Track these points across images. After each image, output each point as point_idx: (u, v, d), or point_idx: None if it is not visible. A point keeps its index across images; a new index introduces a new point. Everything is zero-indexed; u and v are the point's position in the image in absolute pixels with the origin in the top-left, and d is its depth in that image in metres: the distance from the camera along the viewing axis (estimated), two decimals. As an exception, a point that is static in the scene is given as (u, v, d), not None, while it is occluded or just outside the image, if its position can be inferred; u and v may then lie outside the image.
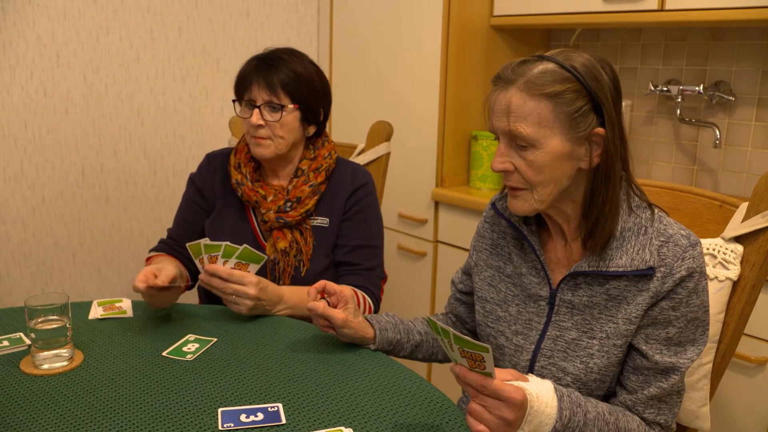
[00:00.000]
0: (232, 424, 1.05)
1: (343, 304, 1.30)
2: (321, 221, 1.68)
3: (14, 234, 2.46)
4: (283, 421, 1.06)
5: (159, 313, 1.49)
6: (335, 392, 1.15)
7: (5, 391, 1.16)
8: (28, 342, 1.32)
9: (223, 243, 1.42)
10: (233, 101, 1.70)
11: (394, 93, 2.58)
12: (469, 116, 2.48)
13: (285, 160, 1.69)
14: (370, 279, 1.68)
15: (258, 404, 1.10)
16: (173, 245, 1.74)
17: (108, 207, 2.60)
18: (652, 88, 2.25)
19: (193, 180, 1.78)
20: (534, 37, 2.60)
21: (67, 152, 2.49)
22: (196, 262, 1.44)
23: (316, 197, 1.65)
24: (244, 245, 1.43)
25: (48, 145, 2.45)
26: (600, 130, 1.09)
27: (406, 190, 2.57)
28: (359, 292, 1.61)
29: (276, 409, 1.09)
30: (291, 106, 1.62)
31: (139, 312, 1.49)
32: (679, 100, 2.23)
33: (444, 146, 2.44)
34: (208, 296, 1.68)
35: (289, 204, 1.63)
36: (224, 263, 1.43)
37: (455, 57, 2.39)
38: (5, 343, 1.34)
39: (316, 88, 1.67)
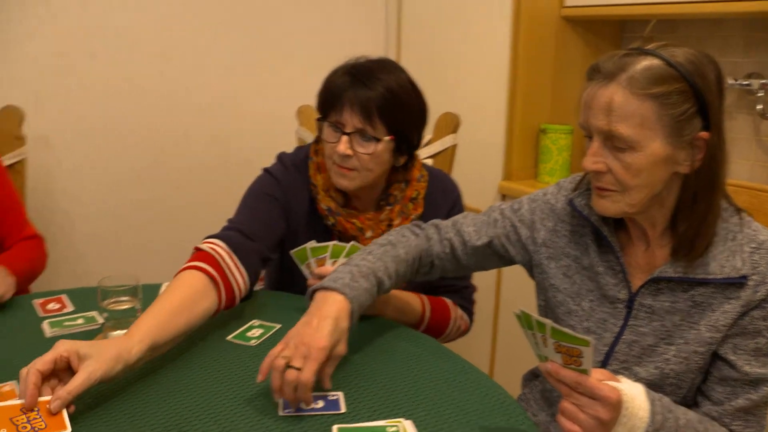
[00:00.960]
0: (293, 410, 1.06)
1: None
2: None
3: (91, 216, 2.55)
4: (343, 410, 1.07)
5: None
6: (396, 383, 1.15)
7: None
8: (100, 321, 1.37)
9: (330, 243, 1.40)
10: (317, 120, 1.49)
11: (462, 84, 2.56)
12: (538, 109, 2.44)
13: (370, 187, 1.52)
14: (465, 296, 1.65)
15: (318, 392, 1.11)
16: (241, 239, 1.41)
17: (179, 192, 2.67)
18: (732, 81, 2.16)
19: (270, 177, 1.55)
20: (606, 29, 2.53)
21: (142, 138, 2.56)
22: (302, 267, 1.43)
23: None
24: (352, 242, 1.40)
25: (124, 131, 2.53)
26: (704, 134, 1.03)
27: (472, 182, 2.54)
28: (459, 311, 1.59)
29: (336, 397, 1.10)
30: (386, 138, 1.43)
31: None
32: (761, 94, 2.13)
33: (512, 139, 2.41)
34: (274, 284, 1.70)
35: None
36: (333, 264, 1.39)
37: (525, 49, 2.35)
38: (80, 321, 1.39)
39: (415, 114, 1.48)
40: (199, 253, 1.35)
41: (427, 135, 2.03)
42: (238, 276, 1.34)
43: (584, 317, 1.20)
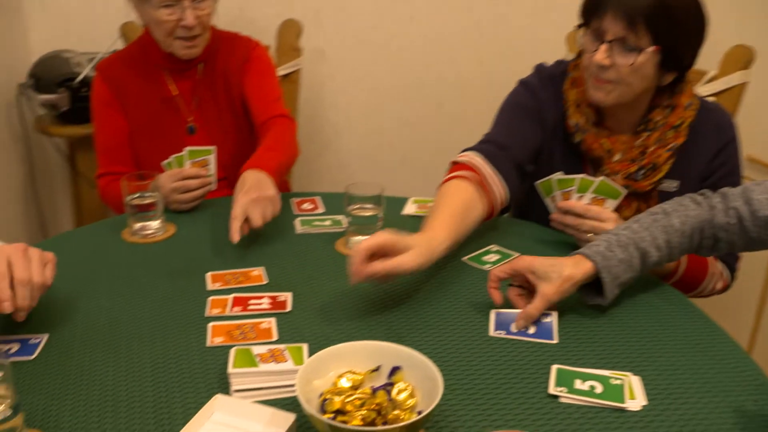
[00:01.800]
0: (504, 332, 1.03)
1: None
2: (669, 185, 1.41)
3: (354, 130, 2.69)
4: (556, 340, 1.02)
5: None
6: (629, 334, 1.05)
7: (322, 265, 1.28)
8: (345, 225, 1.43)
9: (578, 176, 1.33)
10: (577, 26, 1.38)
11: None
12: None
13: (628, 106, 1.39)
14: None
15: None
16: (494, 149, 1.40)
17: (440, 113, 2.69)
18: None
19: (524, 89, 1.51)
20: None
21: (409, 58, 2.61)
22: (547, 200, 1.38)
23: (671, 161, 1.38)
24: (602, 178, 1.31)
25: (393, 51, 2.59)
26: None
27: (763, 129, 2.22)
28: (719, 267, 1.41)
29: (550, 321, 1.06)
30: (650, 48, 1.28)
31: (447, 215, 1.52)
32: None
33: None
34: (519, 213, 1.64)
35: (641, 172, 1.37)
36: (578, 198, 1.32)
37: None
38: (327, 222, 1.47)
39: (689, 27, 1.31)
40: (458, 165, 1.36)
41: (711, 70, 1.79)
42: (498, 185, 1.34)
43: None
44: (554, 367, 0.94)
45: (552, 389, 0.90)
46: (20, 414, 0.77)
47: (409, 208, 1.57)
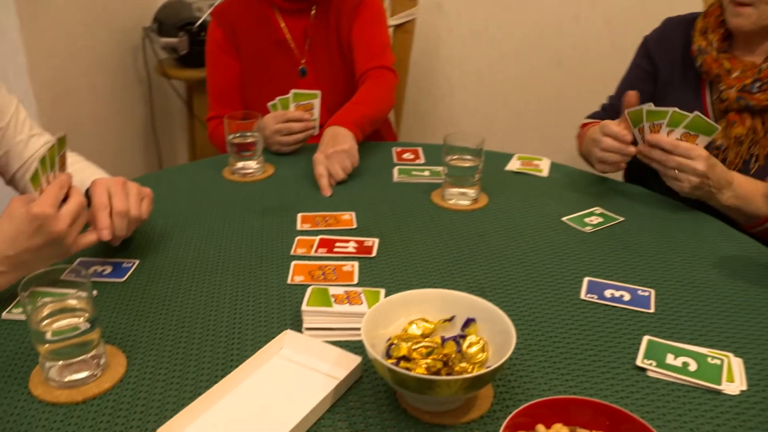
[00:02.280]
0: (596, 296, 0.96)
1: None
2: None
3: (469, 86, 2.61)
4: (652, 309, 0.94)
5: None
6: (733, 311, 0.94)
7: (414, 214, 1.25)
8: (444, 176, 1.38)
9: (670, 109, 1.23)
10: None
11: None
12: None
13: (765, 30, 1.37)
14: None
15: (628, 284, 0.99)
16: (611, 112, 1.58)
17: (560, 71, 2.56)
18: None
19: (646, 43, 1.57)
20: None
21: (531, 12, 2.48)
22: (635, 131, 1.29)
23: None
24: (696, 113, 1.21)
25: (514, 4, 2.47)
26: None
27: None
28: None
29: (647, 294, 0.97)
30: None
31: (556, 175, 1.44)
32: None
33: None
34: (632, 177, 1.54)
35: (757, 84, 1.32)
36: (668, 133, 1.23)
37: None
38: (426, 173, 1.43)
39: None
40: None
41: None
42: None
43: None
44: (645, 338, 0.86)
45: (640, 361, 0.82)
46: (97, 329, 0.79)
47: (513, 164, 1.49)
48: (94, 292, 0.98)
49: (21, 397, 0.77)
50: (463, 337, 0.78)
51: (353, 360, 0.79)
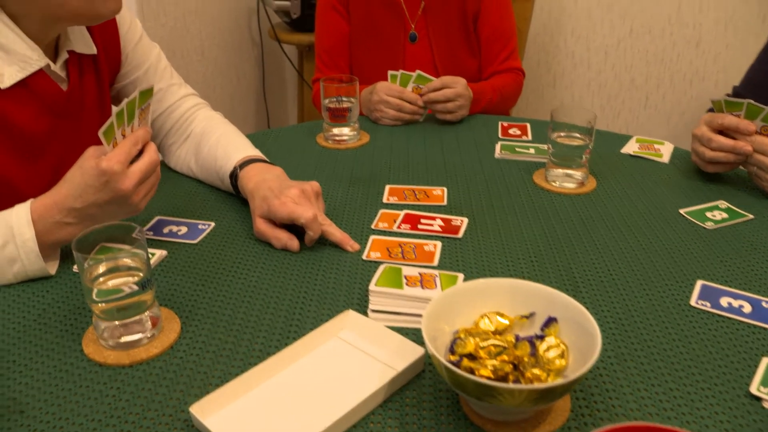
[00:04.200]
0: (708, 304, 0.83)
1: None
2: None
3: (593, 61, 2.42)
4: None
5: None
6: None
7: (512, 195, 1.14)
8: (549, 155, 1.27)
9: (746, 101, 1.09)
10: None
11: None
12: None
13: None
14: None
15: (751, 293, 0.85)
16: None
17: (698, 52, 2.33)
18: None
19: None
20: None
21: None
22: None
23: None
24: None
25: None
26: None
27: None
28: None
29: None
30: None
31: (678, 162, 1.28)
32: None
33: None
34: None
35: None
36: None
37: None
38: (531, 150, 1.31)
39: None
40: None
41: None
42: None
43: None
44: (765, 360, 0.73)
45: (755, 388, 0.69)
46: (150, 291, 0.75)
47: (630, 147, 1.35)
48: (164, 253, 0.94)
49: (73, 354, 0.75)
50: (541, 338, 0.67)
51: (416, 351, 0.71)
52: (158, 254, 0.94)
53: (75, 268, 0.91)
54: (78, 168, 0.86)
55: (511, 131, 1.43)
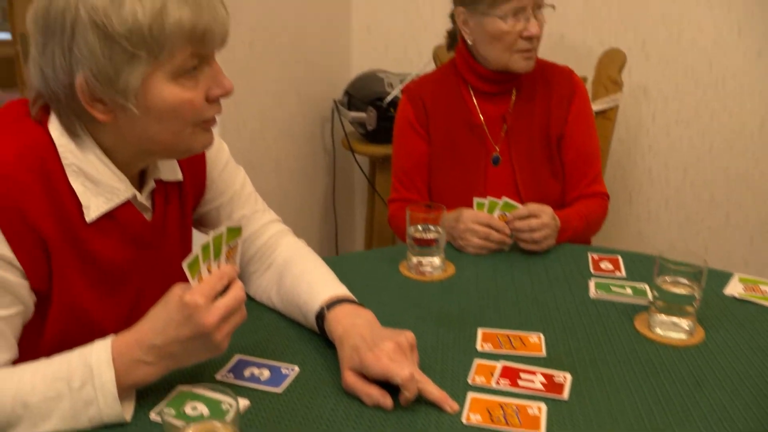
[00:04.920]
0: None
1: None
2: None
3: (671, 178, 2.36)
4: None
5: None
6: None
7: (615, 343, 1.06)
8: (650, 298, 1.18)
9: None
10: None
11: None
12: None
13: None
14: None
15: None
16: None
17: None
18: None
19: None
20: None
21: (750, 101, 2.21)
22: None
23: None
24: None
25: (729, 92, 2.22)
26: None
27: None
28: None
29: None
30: None
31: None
32: None
33: None
34: None
35: None
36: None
37: None
38: (628, 290, 1.23)
39: None
40: None
41: None
42: None
43: None
44: None
45: None
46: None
47: (733, 287, 1.26)
48: (247, 403, 0.88)
49: None
50: None
51: None
52: (242, 405, 0.88)
53: (152, 415, 0.85)
54: (162, 303, 0.83)
55: (602, 265, 1.35)
